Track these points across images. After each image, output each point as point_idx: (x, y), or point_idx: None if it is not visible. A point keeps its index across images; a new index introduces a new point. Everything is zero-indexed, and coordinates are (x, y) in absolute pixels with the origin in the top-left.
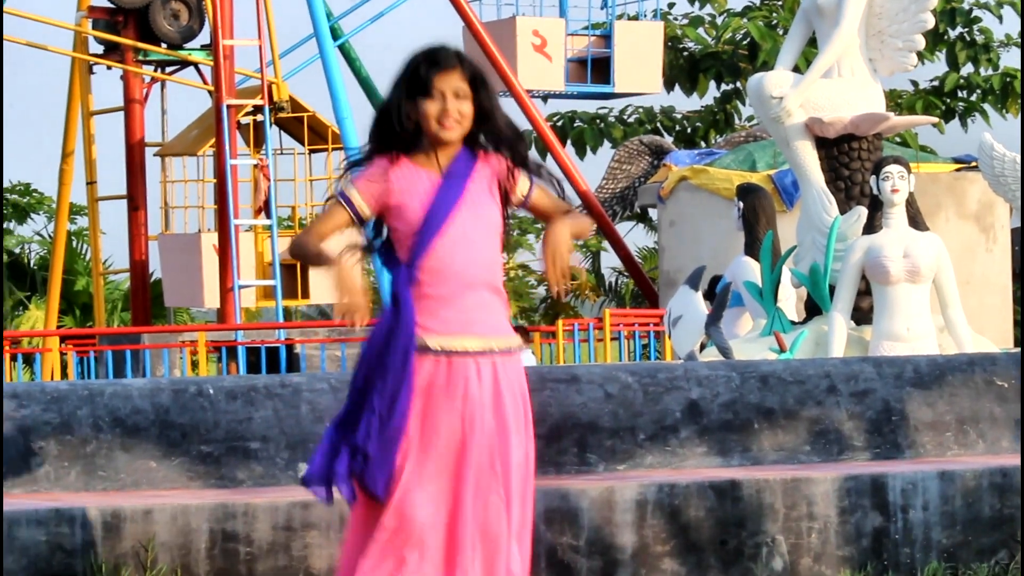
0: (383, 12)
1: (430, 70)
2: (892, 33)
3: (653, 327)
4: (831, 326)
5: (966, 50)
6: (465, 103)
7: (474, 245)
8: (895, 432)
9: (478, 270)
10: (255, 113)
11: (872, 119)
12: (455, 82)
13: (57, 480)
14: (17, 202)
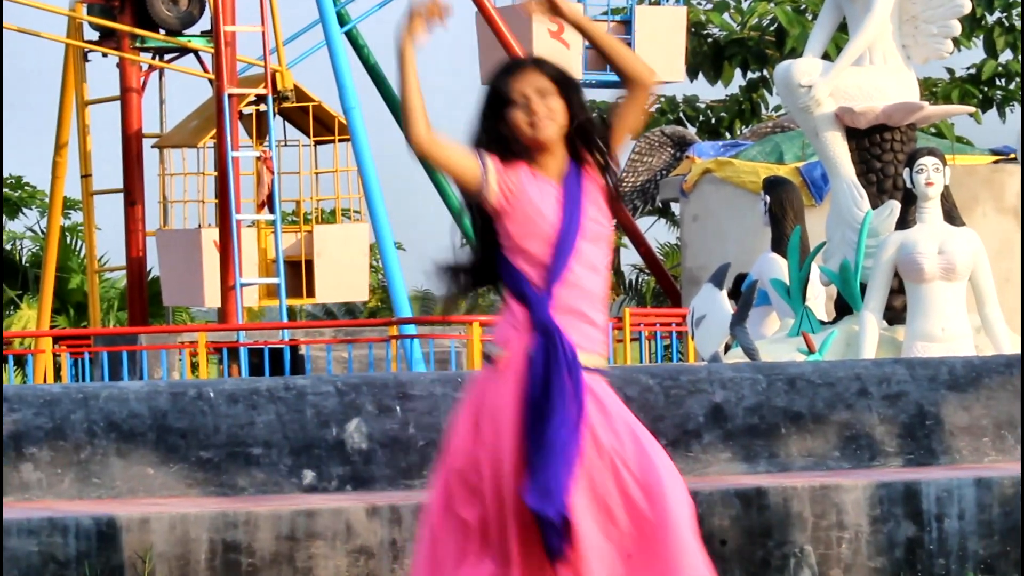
0: None
1: (504, 79)
2: (927, 18)
3: (675, 327)
4: (862, 326)
5: (1004, 36)
6: (552, 99)
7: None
8: (929, 437)
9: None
10: (258, 103)
11: (905, 108)
12: (535, 82)
13: (50, 488)
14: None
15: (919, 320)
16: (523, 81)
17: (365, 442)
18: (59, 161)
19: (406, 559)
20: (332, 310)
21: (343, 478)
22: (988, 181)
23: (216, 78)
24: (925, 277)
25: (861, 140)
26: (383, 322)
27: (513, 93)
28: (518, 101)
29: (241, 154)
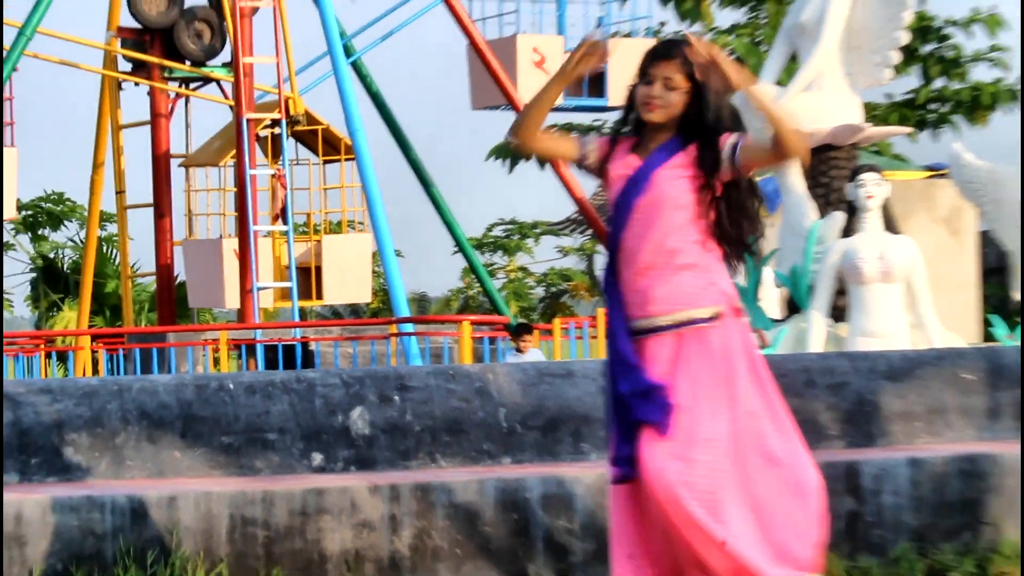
0: (393, 31)
1: (650, 59)
2: (869, 49)
3: None
4: (810, 323)
5: (938, 65)
6: (674, 92)
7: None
8: (868, 422)
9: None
10: (273, 126)
11: (849, 130)
12: (668, 70)
13: (89, 469)
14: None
15: (860, 318)
16: (659, 67)
17: (368, 428)
18: (96, 179)
19: (404, 532)
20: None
21: (348, 460)
22: (923, 194)
23: (236, 104)
24: (866, 280)
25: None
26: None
27: (649, 72)
28: (647, 82)
29: (258, 172)
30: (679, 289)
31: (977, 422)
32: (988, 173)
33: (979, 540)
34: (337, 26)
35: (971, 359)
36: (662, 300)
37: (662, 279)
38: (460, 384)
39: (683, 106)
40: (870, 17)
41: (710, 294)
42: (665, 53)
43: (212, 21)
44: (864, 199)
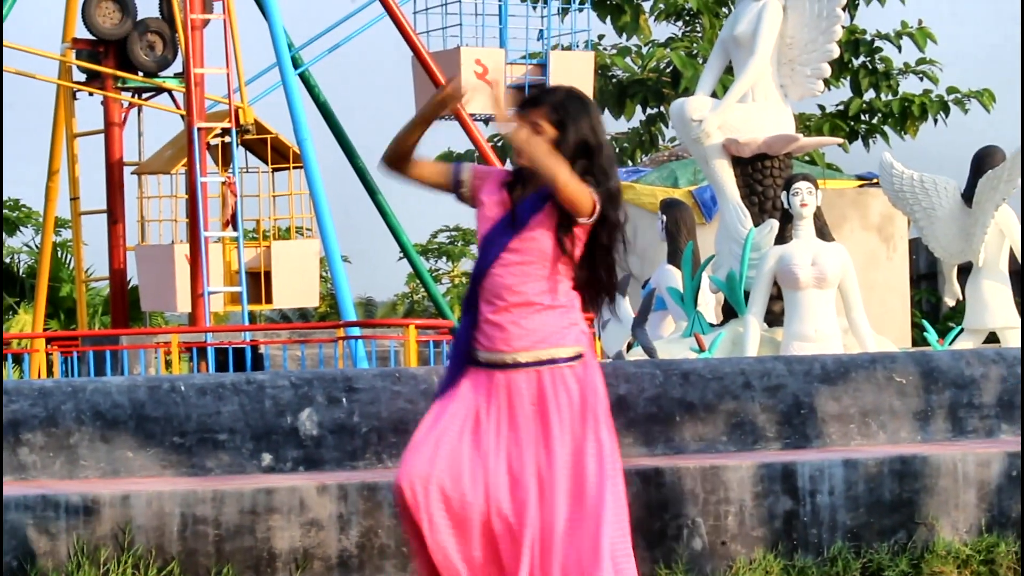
0: (340, 43)
1: (521, 107)
2: (802, 62)
3: None
4: (746, 328)
5: (868, 77)
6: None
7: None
8: (804, 424)
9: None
10: (223, 135)
11: (783, 140)
12: (535, 117)
13: (43, 468)
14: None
15: (795, 323)
16: (530, 114)
17: (316, 429)
18: (51, 186)
19: (352, 530)
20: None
21: (297, 460)
22: (855, 202)
23: (187, 114)
24: (800, 285)
25: (745, 167)
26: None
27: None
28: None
29: (209, 179)
30: (542, 328)
31: (909, 424)
32: (918, 182)
33: (913, 540)
34: (286, 38)
35: (903, 363)
36: (524, 337)
37: (525, 317)
38: (406, 386)
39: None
40: (802, 30)
41: (572, 334)
42: (533, 101)
43: (164, 33)
44: (798, 207)
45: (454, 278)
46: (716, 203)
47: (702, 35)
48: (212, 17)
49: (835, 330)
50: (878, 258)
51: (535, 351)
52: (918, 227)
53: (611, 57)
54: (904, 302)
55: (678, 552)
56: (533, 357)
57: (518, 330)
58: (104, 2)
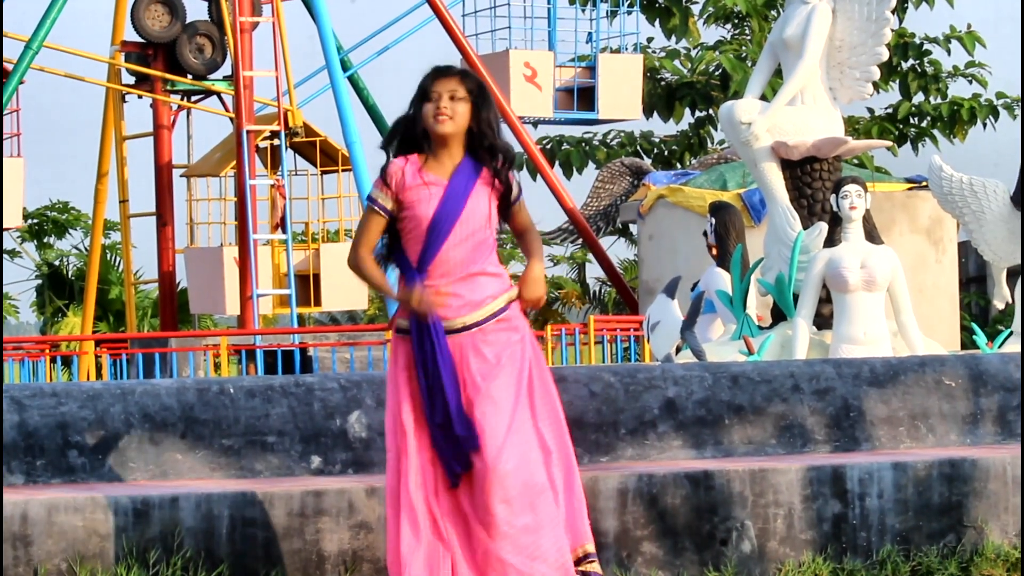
0: (389, 46)
1: (431, 78)
2: (851, 65)
3: (634, 332)
4: (795, 331)
5: (917, 80)
6: (460, 104)
7: (469, 244)
8: (853, 427)
9: (476, 264)
10: (272, 138)
11: (832, 143)
12: (451, 85)
13: (93, 471)
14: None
15: (844, 326)
16: (441, 84)
17: (365, 431)
18: (100, 188)
19: None
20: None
21: (346, 462)
22: (904, 205)
23: (236, 116)
24: (849, 288)
25: (794, 170)
26: (380, 327)
27: (431, 92)
28: (431, 98)
29: (257, 182)
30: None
31: (959, 427)
32: (967, 185)
33: (962, 543)
34: (334, 41)
35: (952, 366)
36: (473, 303)
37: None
38: None
39: (468, 119)
40: (852, 33)
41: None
42: (445, 71)
43: (213, 36)
44: (847, 210)
45: None
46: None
47: (751, 38)
48: (261, 20)
49: (884, 333)
50: (927, 261)
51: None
52: (967, 230)
53: (660, 60)
54: (953, 305)
55: (727, 555)
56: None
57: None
58: (153, 5)
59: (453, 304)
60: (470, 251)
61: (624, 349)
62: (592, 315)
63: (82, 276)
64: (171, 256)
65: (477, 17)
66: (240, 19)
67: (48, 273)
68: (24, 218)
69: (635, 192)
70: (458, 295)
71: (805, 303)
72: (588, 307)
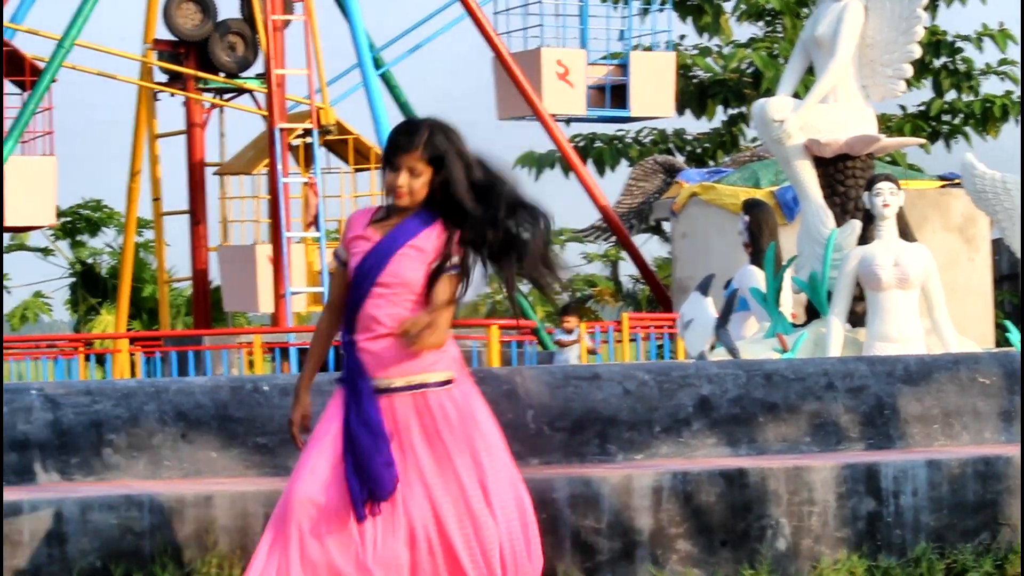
0: (421, 44)
1: (394, 150)
2: (883, 62)
3: (667, 329)
4: (829, 328)
5: (950, 78)
6: (418, 179)
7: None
8: (887, 424)
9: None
10: (305, 136)
11: (865, 140)
12: (411, 161)
13: (127, 469)
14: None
15: (878, 323)
16: (403, 159)
17: None
18: (133, 186)
19: None
20: None
21: None
22: (936, 203)
23: (268, 114)
24: (883, 286)
25: (827, 167)
26: None
27: (393, 161)
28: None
29: (290, 180)
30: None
31: (993, 425)
32: (1000, 183)
33: (997, 541)
34: (367, 39)
35: (986, 363)
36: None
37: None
38: (489, 386)
39: (427, 189)
40: (883, 31)
41: (443, 361)
42: (407, 145)
43: (245, 34)
44: (880, 207)
45: None
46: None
47: (783, 35)
48: (293, 18)
49: (918, 331)
50: (960, 259)
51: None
52: (1000, 228)
53: (692, 57)
54: (986, 303)
55: (762, 552)
56: (406, 382)
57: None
58: (185, 3)
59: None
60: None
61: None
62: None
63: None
64: (204, 254)
65: (509, 15)
66: (272, 17)
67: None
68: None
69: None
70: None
71: (838, 301)
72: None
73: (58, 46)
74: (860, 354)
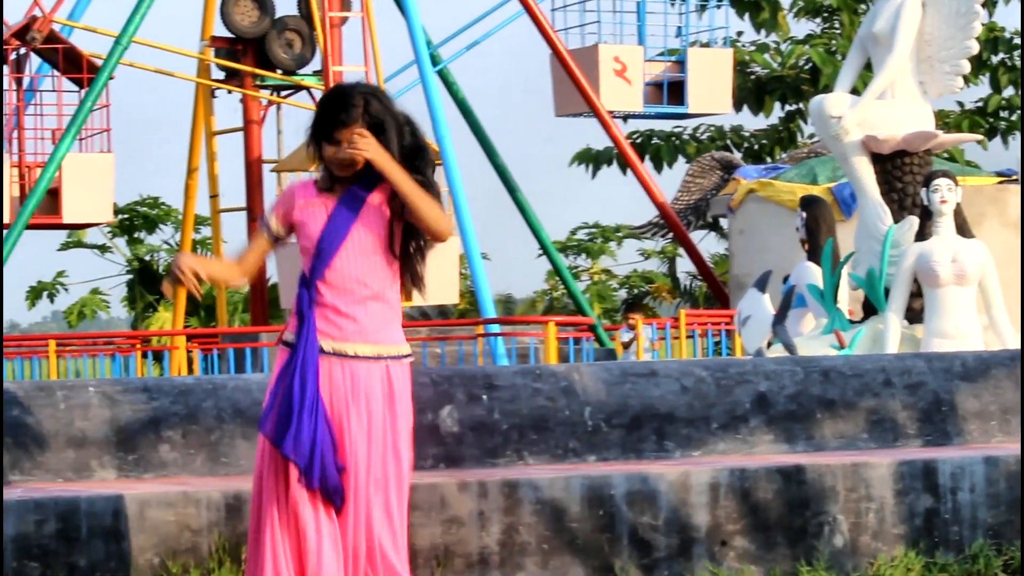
0: (478, 40)
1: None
2: (940, 59)
3: (724, 326)
4: (886, 325)
5: (1007, 74)
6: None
7: (360, 264)
8: (945, 421)
9: (366, 287)
10: None
11: (922, 136)
12: (351, 133)
13: (184, 466)
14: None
15: (935, 320)
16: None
17: (456, 426)
18: (191, 183)
19: (492, 527)
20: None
21: (437, 457)
22: (994, 199)
23: None
24: (940, 283)
25: (884, 164)
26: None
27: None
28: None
29: None
30: (375, 321)
31: None
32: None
33: None
34: (424, 36)
35: None
36: (361, 331)
37: (358, 308)
38: (546, 383)
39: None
40: (941, 27)
41: (399, 333)
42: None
43: (302, 31)
44: (938, 204)
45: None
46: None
47: (841, 31)
48: (350, 15)
49: (975, 327)
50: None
51: (377, 346)
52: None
53: (750, 54)
54: None
55: (819, 549)
56: (374, 352)
57: (355, 323)
58: (243, 0)
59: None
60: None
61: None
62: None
63: None
64: None
65: (566, 12)
66: (329, 14)
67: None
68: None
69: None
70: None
71: (896, 297)
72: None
73: (115, 43)
74: (917, 350)
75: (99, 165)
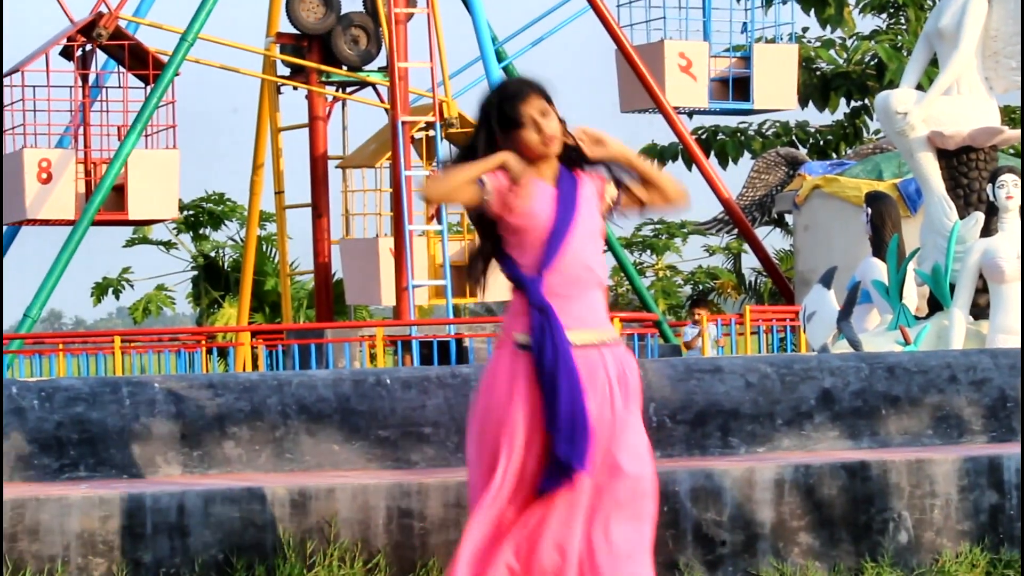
0: (543, 36)
1: (512, 104)
2: (1006, 54)
3: (789, 322)
4: (952, 321)
5: None
6: (552, 119)
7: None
8: (1010, 417)
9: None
10: (427, 129)
11: (988, 132)
12: (538, 104)
13: (249, 462)
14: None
15: (1001, 315)
16: (529, 104)
17: None
18: (256, 180)
19: None
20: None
21: None
22: None
23: (391, 108)
24: (1006, 278)
25: (950, 160)
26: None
27: (522, 117)
28: (527, 123)
29: (413, 173)
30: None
31: None
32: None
33: None
34: (489, 32)
35: None
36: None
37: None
38: None
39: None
40: (1007, 23)
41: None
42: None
43: (368, 27)
44: (1004, 200)
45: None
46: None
47: (907, 27)
48: (416, 11)
49: None
50: None
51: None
52: None
53: (815, 50)
54: None
55: (884, 545)
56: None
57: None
58: None
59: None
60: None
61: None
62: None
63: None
64: (326, 247)
65: (632, 8)
66: (395, 10)
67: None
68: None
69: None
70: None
71: (961, 293)
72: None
73: (181, 40)
74: (983, 347)
75: (164, 161)
